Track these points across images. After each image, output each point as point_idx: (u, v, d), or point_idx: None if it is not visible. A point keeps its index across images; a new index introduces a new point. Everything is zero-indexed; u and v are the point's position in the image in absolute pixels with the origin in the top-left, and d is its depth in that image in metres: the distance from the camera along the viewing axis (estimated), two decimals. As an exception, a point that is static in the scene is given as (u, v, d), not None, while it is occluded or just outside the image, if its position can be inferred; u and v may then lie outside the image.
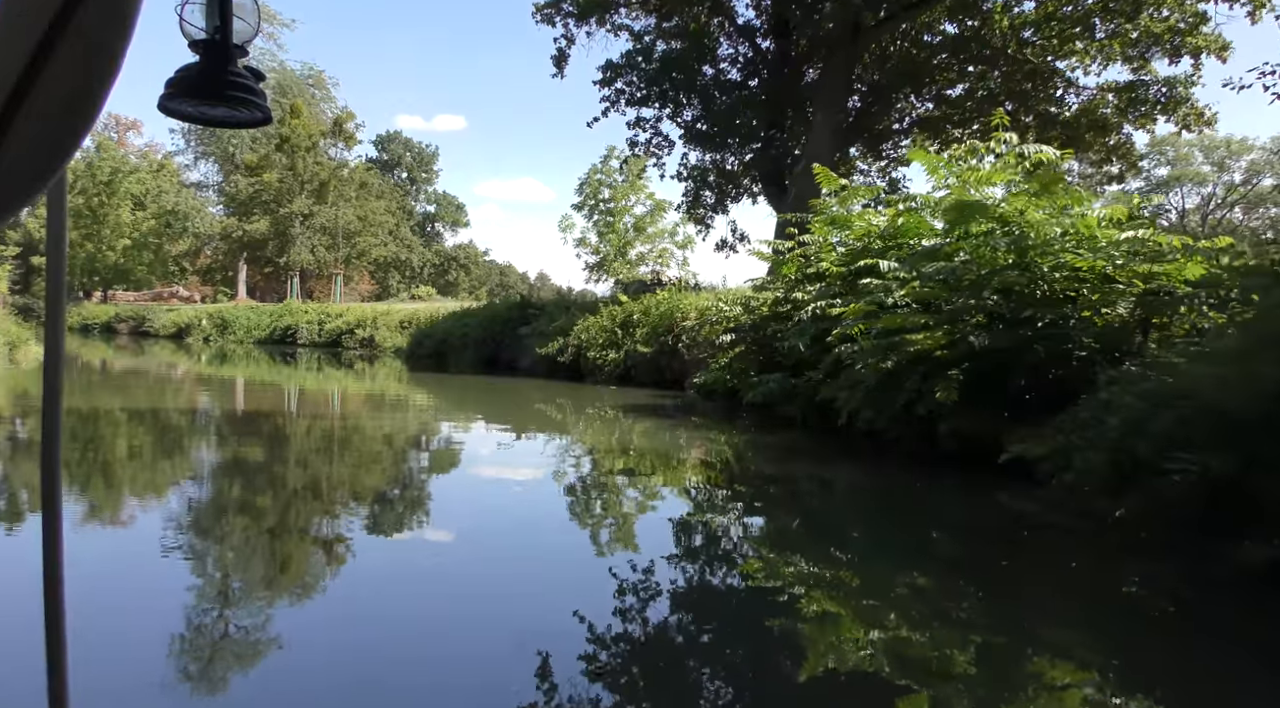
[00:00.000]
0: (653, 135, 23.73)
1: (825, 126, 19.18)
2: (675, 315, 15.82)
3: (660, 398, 14.18)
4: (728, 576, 4.50)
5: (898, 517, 6.08)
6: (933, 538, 5.45)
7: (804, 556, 4.75)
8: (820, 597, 3.99)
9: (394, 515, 5.66)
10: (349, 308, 37.66)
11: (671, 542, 5.18)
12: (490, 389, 17.41)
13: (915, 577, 4.39)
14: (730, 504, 6.18)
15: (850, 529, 5.75)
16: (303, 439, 9.43)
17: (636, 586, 4.09)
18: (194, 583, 4.08)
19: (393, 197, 71.43)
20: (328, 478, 6.95)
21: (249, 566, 4.41)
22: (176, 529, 5.11)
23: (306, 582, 4.18)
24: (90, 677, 2.55)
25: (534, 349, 19.01)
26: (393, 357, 28.33)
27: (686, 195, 26.14)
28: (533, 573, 4.37)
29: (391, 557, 4.66)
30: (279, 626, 3.49)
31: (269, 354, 30.13)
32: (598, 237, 50.67)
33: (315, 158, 51.58)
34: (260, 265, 55.45)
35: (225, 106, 1.28)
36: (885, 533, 5.63)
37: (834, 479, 7.12)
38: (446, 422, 11.95)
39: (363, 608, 3.71)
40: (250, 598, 3.87)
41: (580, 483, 6.94)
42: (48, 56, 0.60)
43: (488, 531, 5.39)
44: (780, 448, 8.59)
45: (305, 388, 17.76)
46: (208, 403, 14.17)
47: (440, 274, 77.78)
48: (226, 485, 6.71)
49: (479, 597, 3.92)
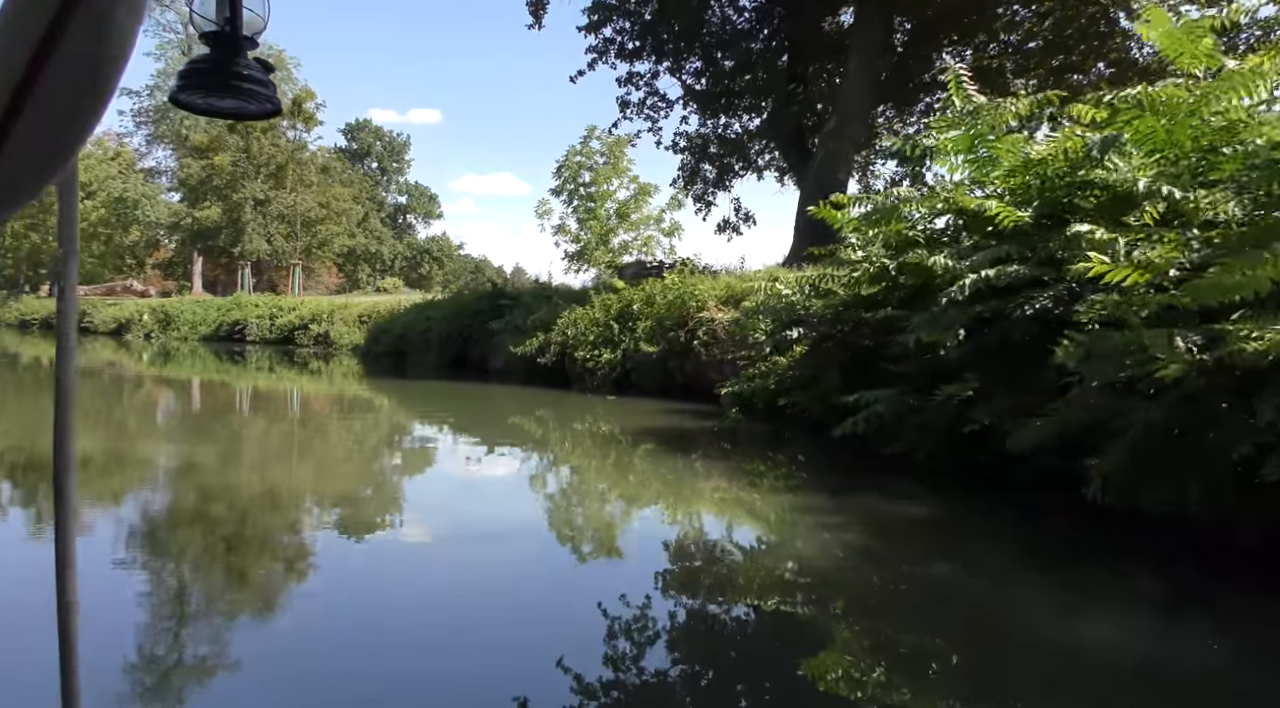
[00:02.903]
0: (647, 94, 20.23)
1: (861, 77, 15.77)
2: (689, 305, 12.36)
3: (675, 413, 10.71)
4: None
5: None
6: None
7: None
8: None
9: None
10: (303, 301, 34.18)
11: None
12: (452, 398, 13.87)
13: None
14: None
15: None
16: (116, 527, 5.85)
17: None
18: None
19: (362, 186, 68.46)
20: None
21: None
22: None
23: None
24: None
25: (508, 347, 15.48)
26: (350, 355, 24.86)
27: (683, 169, 22.69)
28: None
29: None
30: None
31: (214, 353, 26.74)
32: (578, 224, 47.02)
33: (272, 140, 47.72)
34: (215, 256, 51.67)
35: (235, 98, 1.27)
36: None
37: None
38: (369, 474, 8.45)
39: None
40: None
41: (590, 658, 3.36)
42: (58, 38, 0.57)
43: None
44: (963, 534, 5.06)
45: (206, 403, 14.15)
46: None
47: (412, 267, 75.32)
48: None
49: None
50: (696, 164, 22.33)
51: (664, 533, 5.10)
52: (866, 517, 5.24)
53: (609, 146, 45.22)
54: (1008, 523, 5.25)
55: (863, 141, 17.61)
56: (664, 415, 10.54)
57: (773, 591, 3.78)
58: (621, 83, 19.92)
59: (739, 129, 21.40)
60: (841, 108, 15.89)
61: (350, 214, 56.16)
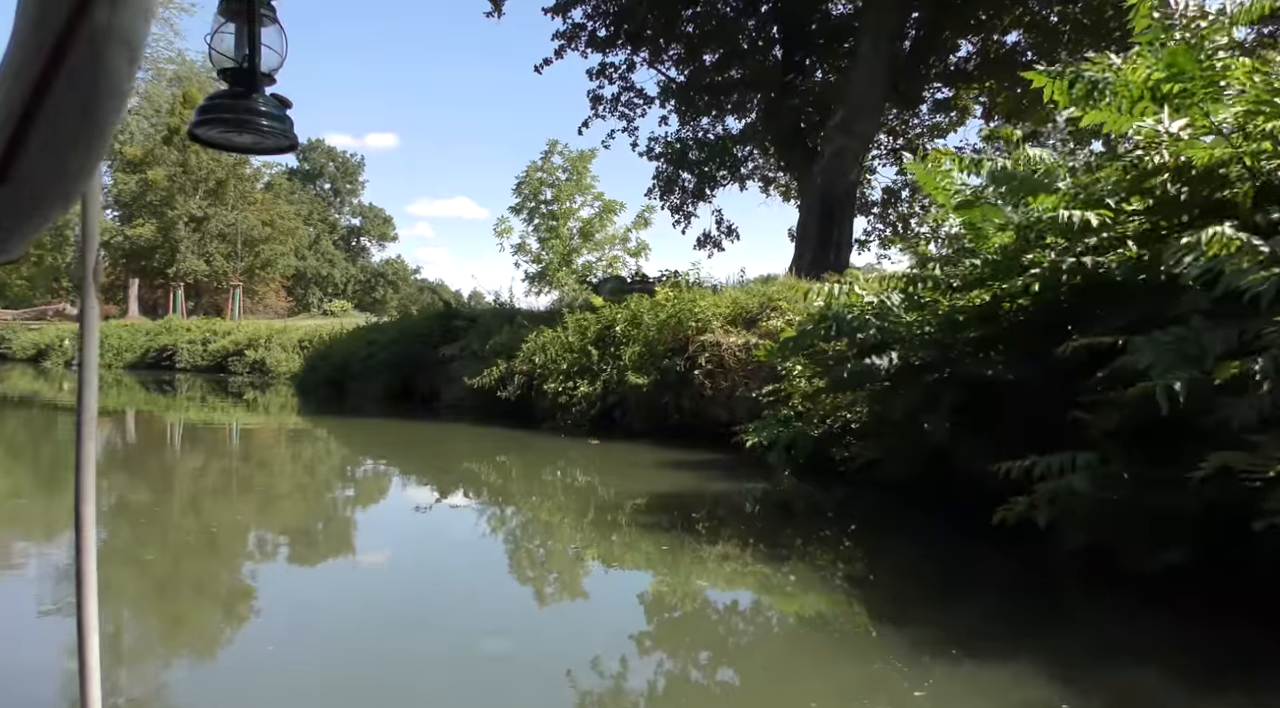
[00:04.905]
0: (622, 89, 17.89)
1: (875, 61, 13.59)
2: (688, 326, 9.95)
3: (679, 465, 8.26)
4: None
5: None
6: None
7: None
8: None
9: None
10: (239, 325, 31.34)
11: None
12: (392, 446, 11.27)
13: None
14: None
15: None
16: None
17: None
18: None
19: (313, 207, 65.89)
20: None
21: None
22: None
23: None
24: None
25: (462, 378, 12.92)
26: (288, 384, 22.17)
27: (659, 177, 20.35)
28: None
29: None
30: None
31: (140, 381, 24.00)
32: (539, 243, 44.49)
33: (213, 154, 44.66)
34: (150, 278, 48.33)
35: (252, 134, 1.28)
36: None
37: None
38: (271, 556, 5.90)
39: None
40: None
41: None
42: (66, 52, 0.58)
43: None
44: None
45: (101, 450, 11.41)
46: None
47: (367, 291, 73.07)
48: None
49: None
50: (674, 171, 20.02)
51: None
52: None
53: (572, 162, 42.90)
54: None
55: (873, 138, 15.47)
56: (666, 470, 8.07)
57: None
58: (593, 75, 17.60)
59: (722, 131, 19.18)
60: (852, 97, 13.67)
61: (297, 233, 53.22)
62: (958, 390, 4.67)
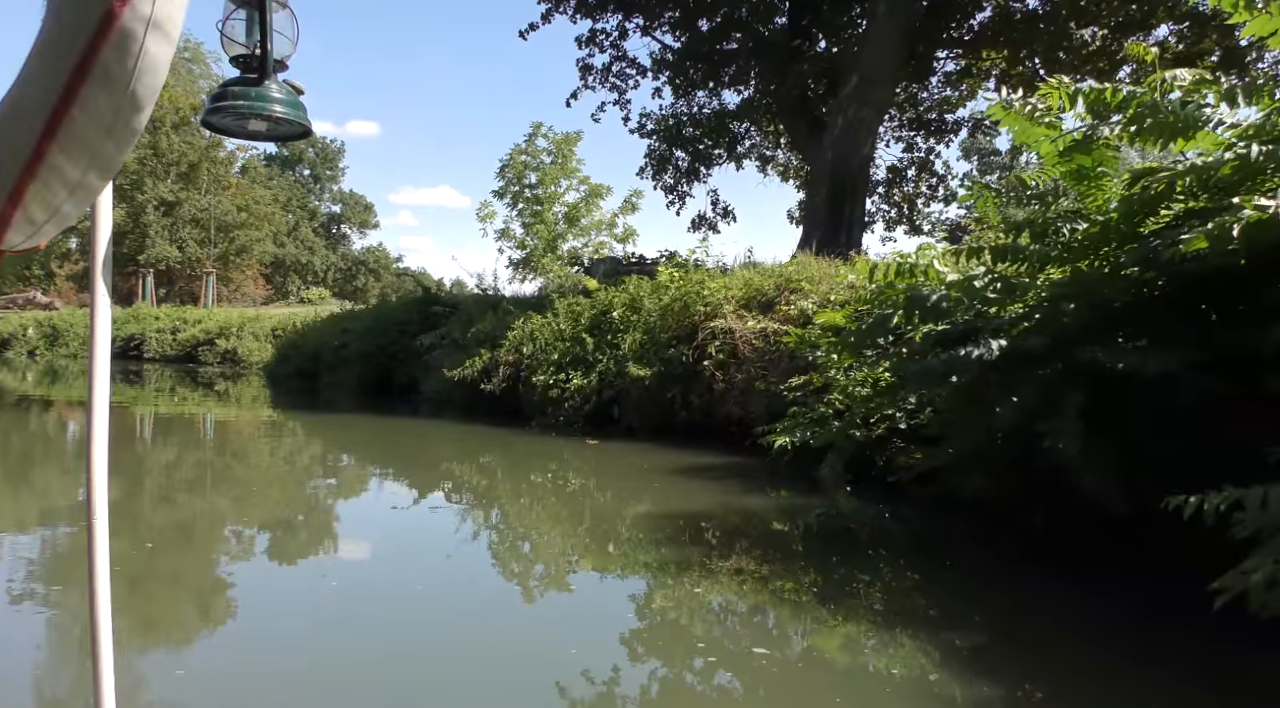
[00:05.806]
0: (613, 57, 16.68)
1: (891, 23, 12.46)
2: (695, 311, 8.83)
3: (693, 471, 7.15)
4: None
5: None
6: None
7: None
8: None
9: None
10: (210, 313, 30.04)
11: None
12: (365, 445, 10.10)
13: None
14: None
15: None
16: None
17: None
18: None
19: (293, 193, 64.40)
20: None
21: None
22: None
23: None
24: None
25: (443, 369, 11.75)
26: (259, 374, 20.95)
27: (651, 155, 19.16)
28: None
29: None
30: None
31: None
32: (523, 229, 43.18)
33: (185, 137, 43.05)
34: (120, 265, 46.84)
35: (265, 121, 1.26)
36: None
37: None
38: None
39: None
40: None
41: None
42: (101, 43, 0.57)
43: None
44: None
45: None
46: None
47: (347, 279, 71.67)
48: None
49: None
50: (668, 149, 18.86)
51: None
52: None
53: (557, 144, 41.54)
54: None
55: (888, 108, 14.36)
56: (677, 479, 6.94)
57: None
58: (583, 43, 16.40)
59: (718, 106, 18.01)
60: (867, 64, 12.55)
61: (274, 219, 51.62)
62: (1083, 388, 3.55)
